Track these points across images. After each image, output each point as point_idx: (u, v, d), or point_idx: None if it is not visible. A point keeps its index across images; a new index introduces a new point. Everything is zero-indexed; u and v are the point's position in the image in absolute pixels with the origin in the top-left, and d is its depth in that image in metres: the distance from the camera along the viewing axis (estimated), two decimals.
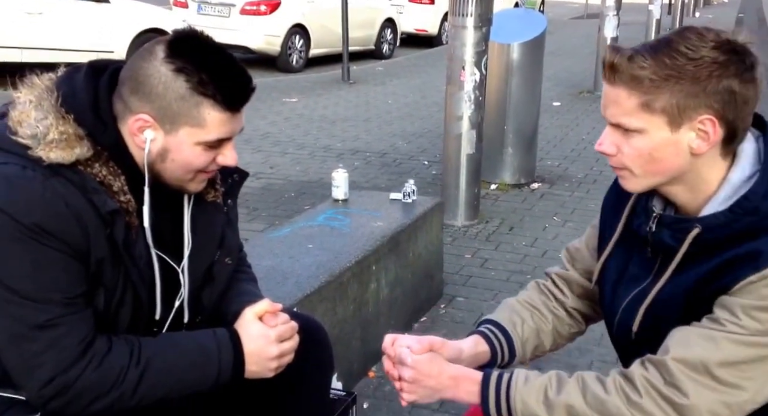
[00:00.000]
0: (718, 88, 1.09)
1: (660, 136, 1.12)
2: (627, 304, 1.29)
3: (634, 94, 1.11)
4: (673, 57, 1.09)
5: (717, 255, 1.14)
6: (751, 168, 1.16)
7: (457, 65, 4.24)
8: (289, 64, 10.57)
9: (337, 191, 3.17)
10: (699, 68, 1.08)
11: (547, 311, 1.48)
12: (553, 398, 1.16)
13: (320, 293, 2.41)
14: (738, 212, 1.12)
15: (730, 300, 1.11)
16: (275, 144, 6.39)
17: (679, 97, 1.09)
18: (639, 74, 1.09)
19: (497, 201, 4.89)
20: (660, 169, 1.16)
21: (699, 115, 1.10)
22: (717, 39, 1.10)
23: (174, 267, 1.44)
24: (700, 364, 1.10)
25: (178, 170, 1.35)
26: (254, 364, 1.42)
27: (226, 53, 1.33)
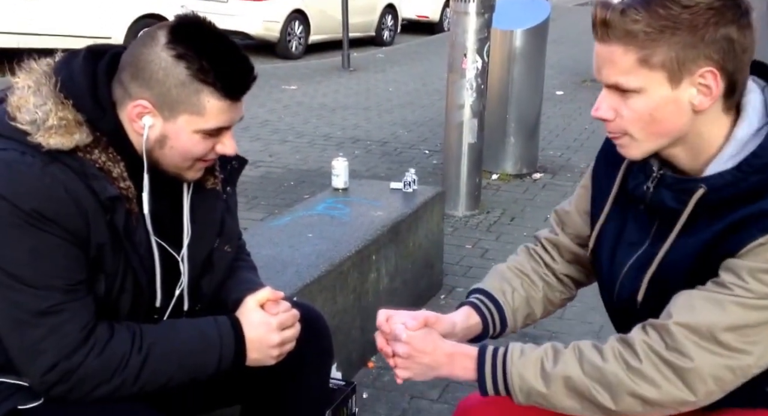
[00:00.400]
0: (716, 36, 1.03)
1: (660, 94, 1.06)
2: (628, 271, 1.24)
3: (630, 49, 1.04)
4: (666, 6, 1.03)
5: (723, 217, 1.08)
6: (759, 121, 1.10)
7: (459, 52, 4.21)
8: (288, 50, 10.53)
9: (337, 180, 3.15)
10: (695, 16, 1.02)
11: (537, 278, 1.44)
12: (550, 370, 1.13)
13: (320, 282, 2.39)
14: (746, 170, 1.06)
15: (736, 263, 1.06)
16: (274, 132, 6.36)
17: (677, 48, 1.03)
18: (633, 28, 1.03)
19: (498, 191, 4.87)
20: (662, 130, 1.09)
21: (699, 68, 1.04)
22: None
23: (173, 254, 1.44)
24: (706, 329, 1.06)
25: (176, 157, 1.35)
26: (256, 352, 1.41)
27: (228, 40, 1.32)
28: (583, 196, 1.40)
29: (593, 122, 6.77)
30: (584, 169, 5.35)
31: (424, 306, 3.20)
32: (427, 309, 3.18)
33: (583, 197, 1.40)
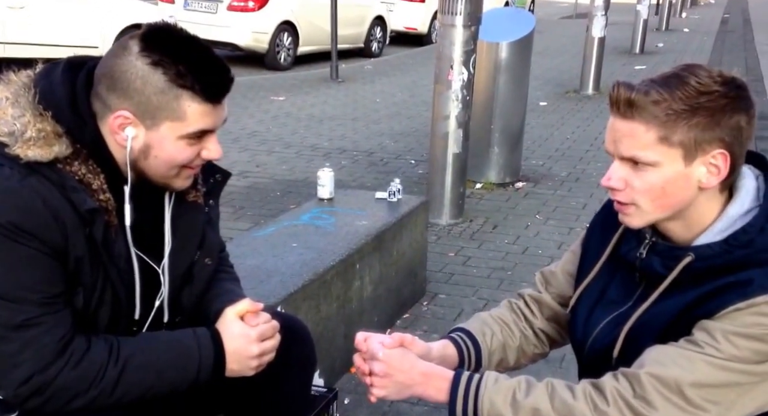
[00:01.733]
0: (730, 122, 1.12)
1: (674, 170, 1.14)
2: (604, 326, 1.30)
3: (652, 127, 1.12)
4: (686, 90, 1.11)
5: (705, 284, 1.16)
6: (749, 204, 1.18)
7: (446, 64, 4.26)
8: (277, 61, 10.55)
9: (322, 190, 3.17)
10: (713, 102, 1.11)
11: (516, 328, 1.50)
12: (521, 400, 1.17)
13: (304, 291, 2.42)
14: (733, 244, 1.15)
15: (711, 324, 1.13)
16: (262, 142, 6.38)
17: (696, 130, 1.11)
18: (656, 109, 1.12)
19: (482, 199, 4.92)
20: (669, 203, 1.17)
21: (713, 149, 1.13)
22: (723, 75, 1.14)
23: (154, 267, 1.44)
24: (673, 382, 1.11)
25: (161, 166, 1.34)
26: (235, 363, 1.42)
27: (201, 44, 1.32)
28: (571, 260, 1.48)
29: (574, 132, 6.85)
30: (565, 177, 5.44)
31: (407, 313, 3.24)
32: (410, 316, 3.25)
33: (570, 261, 1.48)
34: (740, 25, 18.13)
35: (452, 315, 3.24)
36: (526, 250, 4.07)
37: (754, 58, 12.48)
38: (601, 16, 8.37)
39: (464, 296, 3.45)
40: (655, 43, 13.37)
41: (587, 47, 8.60)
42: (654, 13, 15.29)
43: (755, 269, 1.13)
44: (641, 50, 12.41)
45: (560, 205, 4.84)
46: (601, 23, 8.41)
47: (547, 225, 4.48)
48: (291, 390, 1.63)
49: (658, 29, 15.79)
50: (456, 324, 1.53)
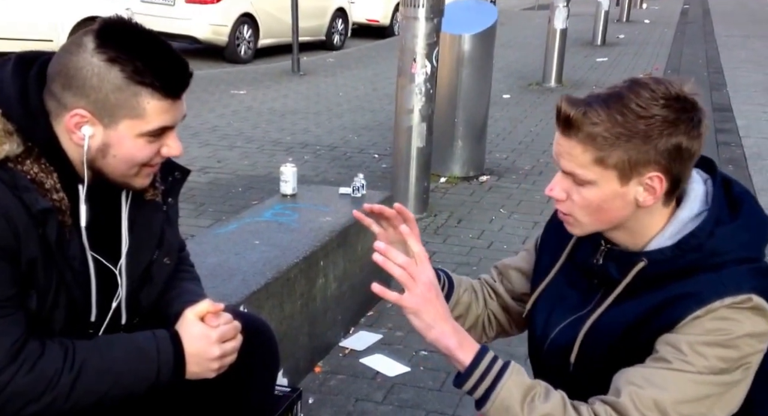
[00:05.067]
0: (668, 145, 1.13)
1: (610, 189, 1.16)
2: (562, 329, 1.31)
3: (589, 149, 1.14)
4: (624, 114, 1.12)
5: (658, 290, 1.17)
6: (699, 208, 1.20)
7: (409, 57, 4.23)
8: (237, 54, 10.42)
9: (285, 186, 3.13)
10: (650, 127, 1.12)
11: (480, 298, 1.51)
12: (538, 404, 1.13)
13: (267, 290, 2.38)
14: (684, 248, 1.17)
15: (675, 338, 1.13)
16: (223, 137, 6.29)
17: (631, 154, 1.13)
18: (593, 131, 1.13)
19: (446, 194, 4.91)
20: (605, 218, 1.20)
21: (648, 172, 1.15)
22: (667, 94, 1.13)
23: (110, 268, 1.41)
24: (652, 403, 1.11)
25: (120, 165, 1.32)
26: (195, 365, 1.39)
27: (158, 39, 1.30)
28: (525, 258, 1.49)
29: (537, 125, 6.89)
30: (529, 170, 5.47)
31: (371, 311, 3.21)
32: (374, 313, 3.22)
33: (525, 259, 1.49)
34: (700, 16, 18.47)
35: None
36: (491, 245, 4.07)
37: (714, 49, 12.73)
38: (563, 8, 8.42)
39: None
40: (617, 35, 13.54)
41: (549, 39, 8.66)
42: (615, 4, 15.49)
43: (707, 274, 1.14)
44: (603, 42, 12.55)
45: (524, 199, 4.86)
46: (562, 15, 8.46)
47: (511, 220, 4.49)
48: (254, 391, 1.61)
49: (619, 20, 16.00)
50: None
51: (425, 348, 2.90)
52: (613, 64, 10.76)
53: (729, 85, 9.33)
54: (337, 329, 2.93)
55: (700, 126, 1.15)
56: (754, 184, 5.21)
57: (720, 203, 1.20)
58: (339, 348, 2.90)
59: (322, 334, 2.81)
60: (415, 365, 2.78)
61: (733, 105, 8.06)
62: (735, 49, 12.80)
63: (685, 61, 11.08)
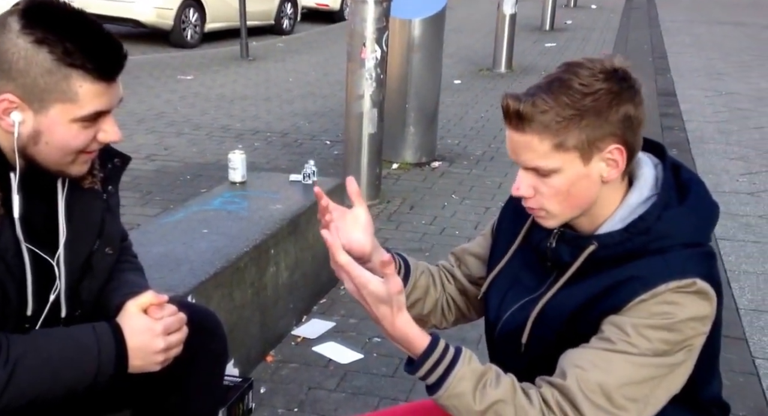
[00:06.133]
0: (619, 115, 1.14)
1: (574, 171, 1.17)
2: (514, 311, 1.31)
3: (545, 137, 1.14)
4: (570, 95, 1.13)
5: (607, 273, 1.18)
6: (648, 192, 1.22)
7: (358, 42, 4.19)
8: (183, 39, 10.20)
9: (234, 173, 3.08)
10: (598, 102, 1.13)
11: (438, 282, 1.50)
12: (489, 390, 1.13)
13: (216, 279, 2.33)
14: (633, 231, 1.18)
15: (620, 319, 1.14)
16: (170, 124, 6.16)
17: (587, 132, 1.14)
18: (545, 119, 1.13)
19: (399, 180, 4.90)
20: (577, 202, 1.20)
21: (607, 145, 1.15)
22: (604, 69, 1.15)
23: (48, 260, 1.36)
24: (596, 386, 1.11)
25: (54, 153, 1.26)
26: (139, 359, 1.36)
27: (88, 19, 1.25)
28: (481, 243, 1.50)
29: (488, 110, 6.93)
30: (480, 156, 5.50)
31: (324, 298, 3.19)
32: (327, 300, 3.20)
33: (481, 244, 1.49)
34: (644, 1, 18.80)
35: None
36: (443, 231, 4.08)
37: (658, 35, 12.99)
38: None
39: None
40: (565, 20, 13.71)
41: (499, 24, 8.70)
42: None
43: (654, 257, 1.16)
44: (551, 27, 12.69)
45: (476, 185, 4.88)
46: (511, 0, 8.50)
47: (463, 205, 4.50)
48: (202, 382, 1.59)
49: (567, 6, 16.19)
50: None
51: (378, 335, 2.89)
52: (561, 49, 10.89)
53: (673, 69, 9.54)
54: (289, 317, 2.90)
55: (640, 93, 1.17)
56: (697, 167, 5.34)
57: (669, 188, 1.21)
58: (291, 336, 2.87)
59: (273, 323, 2.78)
60: (368, 352, 2.77)
61: (677, 89, 8.25)
62: (679, 34, 13.11)
63: (631, 47, 11.29)
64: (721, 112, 7.25)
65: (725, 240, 4.01)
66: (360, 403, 2.46)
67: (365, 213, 1.34)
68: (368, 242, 1.33)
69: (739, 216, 4.40)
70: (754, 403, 2.54)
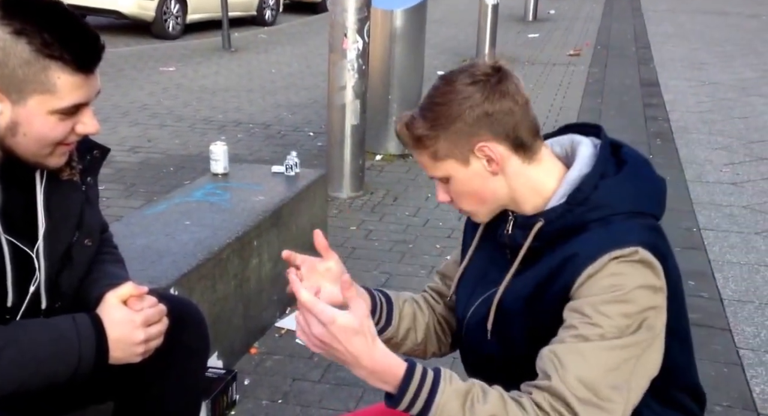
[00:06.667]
0: (473, 117, 1.20)
1: (462, 174, 1.24)
2: (478, 305, 1.32)
3: (423, 151, 1.24)
4: (432, 109, 1.22)
5: (558, 250, 1.19)
6: (587, 168, 1.24)
7: (339, 32, 4.17)
8: (165, 30, 10.12)
9: (215, 165, 3.06)
10: (451, 109, 1.21)
11: (425, 307, 1.50)
12: (478, 407, 1.10)
13: (199, 271, 2.32)
14: (572, 202, 1.20)
15: (577, 303, 1.14)
16: (153, 116, 6.12)
17: (450, 138, 1.21)
18: (417, 134, 1.23)
19: (382, 171, 4.90)
20: (487, 198, 1.26)
21: (473, 145, 1.21)
22: (464, 79, 1.21)
23: (27, 251, 1.35)
24: (580, 383, 1.09)
25: (32, 144, 1.26)
26: (119, 351, 1.35)
27: (66, 10, 1.24)
28: (459, 253, 1.50)
29: None
30: None
31: None
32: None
33: (459, 254, 1.50)
34: None
35: None
36: (427, 222, 4.09)
37: (641, 24, 13.04)
38: None
39: (366, 270, 3.42)
40: (547, 10, 13.72)
41: (481, 15, 8.68)
42: None
43: (597, 229, 1.17)
44: (534, 17, 12.70)
45: None
46: None
47: None
48: (184, 373, 1.58)
49: None
50: None
51: None
52: (544, 39, 10.91)
53: (656, 59, 9.59)
54: (272, 309, 2.90)
55: (501, 84, 1.20)
56: (681, 157, 5.37)
57: (605, 159, 1.23)
58: (275, 328, 2.87)
59: (257, 315, 2.77)
60: None
61: (660, 80, 8.30)
62: (662, 24, 13.16)
63: (614, 37, 11.33)
64: (705, 102, 7.30)
65: (709, 231, 4.04)
66: (344, 394, 2.46)
67: (336, 263, 1.36)
68: (337, 295, 1.29)
69: (723, 206, 4.43)
70: (738, 393, 2.56)
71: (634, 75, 8.44)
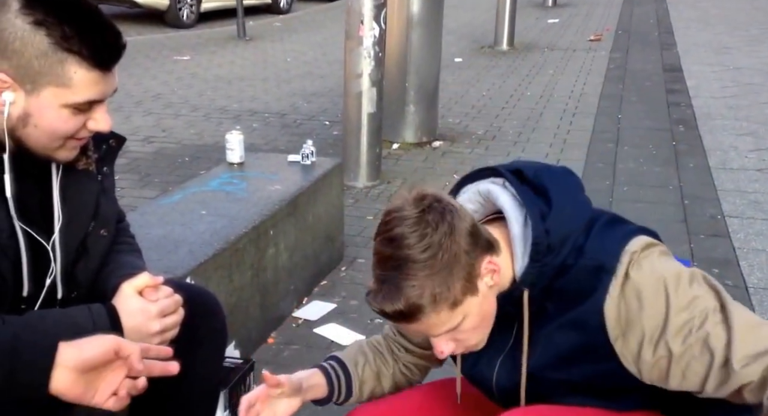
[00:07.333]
0: (465, 242, 1.12)
1: (475, 305, 1.16)
2: (499, 376, 1.30)
3: (441, 309, 1.13)
4: (424, 265, 1.10)
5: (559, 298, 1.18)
6: (520, 215, 1.20)
7: (356, 19, 4.13)
8: (179, 19, 10.11)
9: (231, 154, 3.04)
10: (442, 250, 1.10)
11: (389, 356, 1.51)
12: None
13: (215, 260, 2.30)
14: (539, 258, 1.16)
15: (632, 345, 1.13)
16: (167, 106, 6.11)
17: (460, 275, 1.12)
18: (428, 299, 1.11)
19: (399, 160, 4.86)
20: (490, 317, 1.21)
21: (479, 268, 1.15)
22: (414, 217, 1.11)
23: (42, 241, 1.34)
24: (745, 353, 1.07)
25: (42, 137, 1.24)
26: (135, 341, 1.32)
27: (89, 4, 1.23)
28: None
29: (490, 89, 6.87)
30: (482, 135, 5.45)
31: (324, 280, 3.16)
32: (328, 282, 3.17)
33: None
34: None
35: (371, 280, 3.16)
36: None
37: (663, 9, 12.86)
38: None
39: None
40: None
41: (500, 0, 8.59)
42: None
43: (575, 268, 1.15)
44: (554, 2, 12.57)
45: (478, 164, 4.79)
46: None
47: None
48: (201, 364, 1.56)
49: None
50: None
51: (379, 316, 2.86)
52: (564, 25, 10.79)
53: (679, 44, 9.44)
54: (289, 299, 2.88)
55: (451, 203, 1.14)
56: (705, 144, 5.26)
57: (529, 200, 1.19)
58: (292, 318, 2.85)
59: (274, 305, 2.75)
60: (370, 333, 2.73)
61: (683, 65, 8.16)
62: (684, 9, 12.96)
63: (635, 21, 11.18)
64: (729, 87, 7.16)
65: (734, 218, 3.97)
66: None
67: (287, 386, 1.41)
68: (295, 403, 1.43)
69: (748, 193, 4.33)
70: None
71: (657, 60, 8.32)
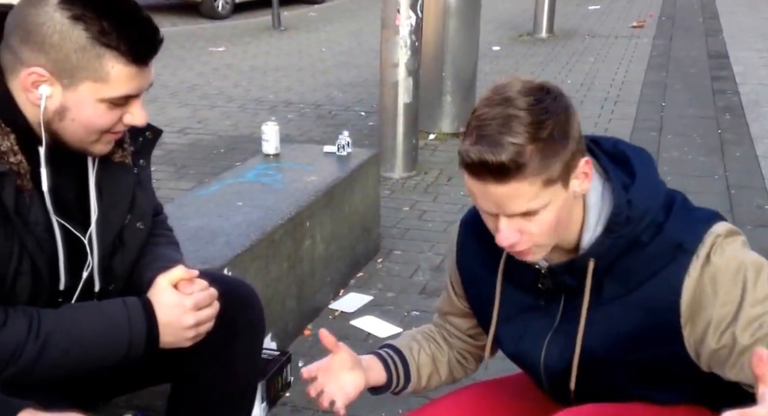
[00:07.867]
0: (577, 129, 1.10)
1: (560, 199, 1.11)
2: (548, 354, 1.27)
3: (535, 179, 1.07)
4: (535, 128, 1.06)
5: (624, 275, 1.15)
6: (599, 184, 1.17)
7: (392, 8, 4.09)
8: (214, 10, 10.17)
9: (267, 145, 3.03)
10: (559, 123, 1.07)
11: (443, 343, 1.49)
12: None
13: (252, 252, 2.30)
14: (615, 229, 1.14)
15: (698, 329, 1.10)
16: (203, 97, 6.14)
17: (562, 157, 1.08)
18: (530, 161, 1.05)
19: (436, 151, 4.81)
20: (564, 226, 1.15)
21: (578, 162, 1.11)
22: (533, 90, 1.09)
23: (78, 235, 1.33)
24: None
25: (79, 130, 1.24)
26: (169, 335, 1.33)
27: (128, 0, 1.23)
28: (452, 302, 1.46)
29: None
30: None
31: (361, 271, 3.14)
32: (364, 274, 3.15)
33: (453, 303, 1.46)
34: None
35: (408, 272, 3.14)
36: None
37: None
38: None
39: (420, 251, 3.36)
40: None
41: None
42: None
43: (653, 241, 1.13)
44: None
45: None
46: None
47: None
48: (241, 354, 1.56)
49: None
50: (412, 281, 1.48)
51: (416, 308, 2.84)
52: (606, 11, 10.59)
53: (725, 30, 9.20)
54: (326, 291, 2.86)
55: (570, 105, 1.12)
56: (752, 132, 5.10)
57: (613, 168, 1.17)
58: (329, 310, 2.83)
59: (310, 297, 2.74)
60: (407, 326, 2.72)
61: (729, 51, 7.94)
62: None
63: (679, 7, 10.92)
64: None
65: None
66: None
67: (346, 353, 1.35)
68: (359, 378, 1.36)
69: None
70: None
71: (701, 47, 8.11)
